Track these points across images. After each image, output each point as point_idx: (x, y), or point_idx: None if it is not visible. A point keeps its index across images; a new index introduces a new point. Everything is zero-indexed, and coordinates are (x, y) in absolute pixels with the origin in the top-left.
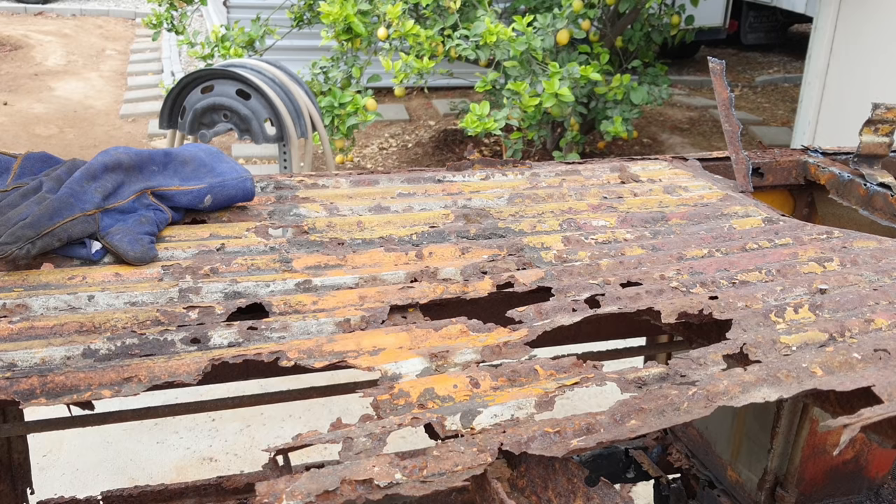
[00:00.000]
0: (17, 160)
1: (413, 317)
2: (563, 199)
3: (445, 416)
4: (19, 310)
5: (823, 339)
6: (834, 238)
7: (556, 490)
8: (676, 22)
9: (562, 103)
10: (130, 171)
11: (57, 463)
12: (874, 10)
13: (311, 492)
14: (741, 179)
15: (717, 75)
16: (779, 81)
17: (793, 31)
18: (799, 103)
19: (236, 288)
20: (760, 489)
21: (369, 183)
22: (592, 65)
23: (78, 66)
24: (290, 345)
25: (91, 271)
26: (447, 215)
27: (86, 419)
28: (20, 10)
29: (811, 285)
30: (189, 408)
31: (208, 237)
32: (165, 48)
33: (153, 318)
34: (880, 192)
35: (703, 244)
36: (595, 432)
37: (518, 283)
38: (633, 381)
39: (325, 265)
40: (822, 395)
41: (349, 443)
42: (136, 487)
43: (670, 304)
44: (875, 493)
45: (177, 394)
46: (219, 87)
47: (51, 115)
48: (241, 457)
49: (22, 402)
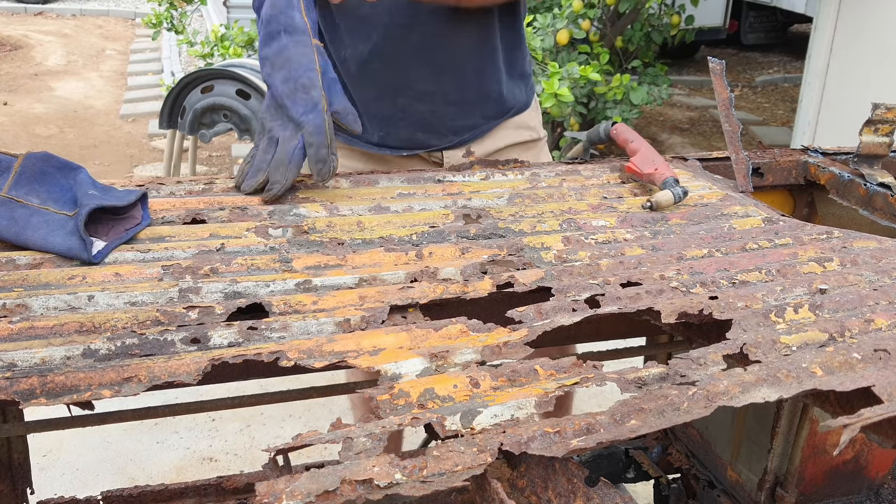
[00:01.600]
0: (17, 160)
1: (413, 317)
2: (563, 199)
3: (445, 416)
4: (19, 310)
5: (823, 339)
6: (834, 238)
7: (556, 490)
8: (676, 22)
9: (561, 103)
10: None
11: (57, 463)
12: (874, 10)
13: (311, 492)
14: (741, 179)
15: (717, 75)
16: (779, 81)
17: (793, 31)
18: (799, 103)
19: (236, 288)
20: (760, 489)
21: (369, 183)
22: (592, 65)
23: (78, 66)
24: (290, 345)
25: (91, 271)
26: (447, 215)
27: (86, 419)
28: (20, 10)
29: (811, 285)
30: (189, 408)
31: (208, 237)
32: (165, 48)
33: (153, 318)
34: (880, 192)
35: (703, 244)
36: (595, 432)
37: (518, 283)
38: (633, 381)
39: (325, 265)
40: (822, 395)
41: (349, 443)
42: (136, 487)
43: (670, 304)
44: (875, 493)
45: (177, 394)
46: (219, 87)
47: (51, 115)
48: (241, 457)
49: (22, 402)
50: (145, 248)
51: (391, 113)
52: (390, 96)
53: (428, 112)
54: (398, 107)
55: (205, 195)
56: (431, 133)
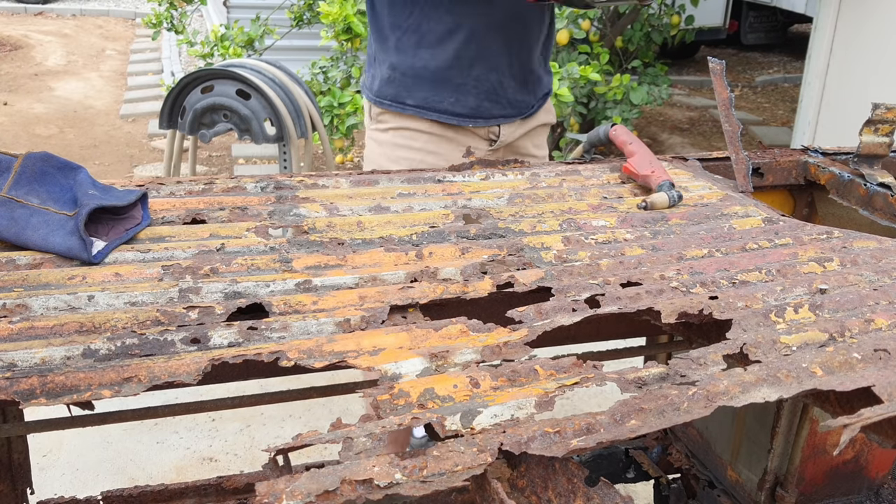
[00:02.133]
0: (17, 160)
1: (413, 317)
2: (563, 199)
3: (445, 416)
4: (19, 310)
5: (823, 339)
6: (834, 238)
7: (556, 490)
8: (676, 22)
9: (561, 103)
10: None
11: (57, 463)
12: (874, 10)
13: (311, 492)
14: (741, 179)
15: (717, 75)
16: (779, 81)
17: (793, 31)
18: (799, 103)
19: (236, 288)
20: (760, 489)
21: (369, 183)
22: (592, 65)
23: (78, 66)
24: (290, 345)
25: (91, 271)
26: (447, 215)
27: (86, 419)
28: (20, 10)
29: (811, 285)
30: (189, 408)
31: (208, 237)
32: (165, 48)
33: (153, 318)
34: (880, 192)
35: (703, 244)
36: (595, 432)
37: (518, 283)
38: (633, 381)
39: (325, 265)
40: (822, 395)
41: (349, 443)
42: (136, 487)
43: (670, 304)
44: (875, 493)
45: (177, 394)
46: (219, 87)
47: (51, 115)
48: (241, 457)
49: (22, 402)
50: (145, 248)
51: (464, 81)
52: (467, 66)
53: (497, 82)
54: (472, 76)
55: (205, 195)
56: (495, 103)
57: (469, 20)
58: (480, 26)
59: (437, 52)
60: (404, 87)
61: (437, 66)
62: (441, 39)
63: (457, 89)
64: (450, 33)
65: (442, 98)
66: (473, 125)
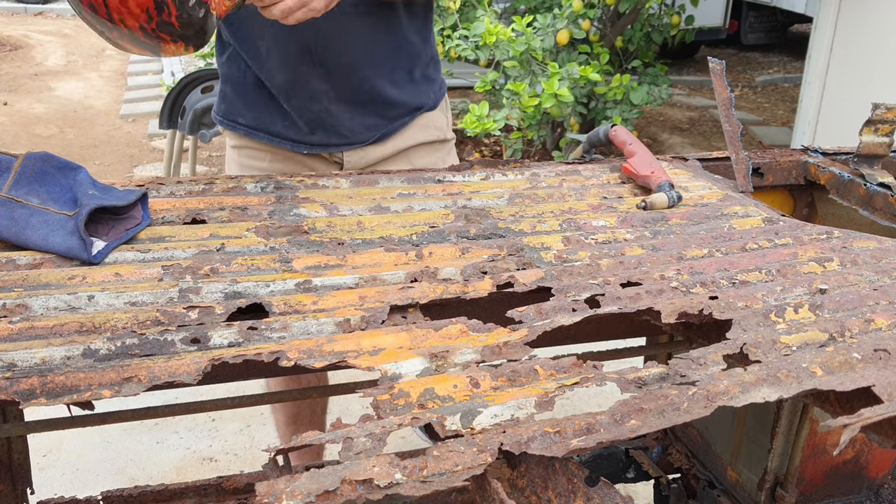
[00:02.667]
0: (17, 160)
1: (413, 317)
2: (563, 199)
3: (445, 416)
4: (19, 310)
5: (823, 339)
6: (834, 238)
7: (556, 490)
8: (676, 22)
9: (561, 103)
10: None
11: (57, 463)
12: (874, 10)
13: (311, 492)
14: (741, 179)
15: (717, 75)
16: (779, 81)
17: (793, 31)
18: (799, 103)
19: (236, 288)
20: (760, 489)
21: (369, 183)
22: (592, 65)
23: (78, 66)
24: (290, 345)
25: (91, 271)
26: (447, 215)
27: (86, 419)
28: (20, 10)
29: (811, 285)
30: (189, 408)
31: (208, 237)
32: None
33: (153, 318)
34: (880, 192)
35: (703, 244)
36: (595, 432)
37: (518, 283)
38: (633, 381)
39: (325, 265)
40: (822, 395)
41: (349, 443)
42: (136, 487)
43: (670, 304)
44: (875, 493)
45: (177, 394)
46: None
47: (51, 115)
48: (241, 457)
49: (22, 402)
50: (145, 248)
51: (288, 111)
52: (284, 95)
53: (323, 111)
54: (292, 106)
55: (205, 195)
56: (330, 133)
57: (275, 44)
58: (285, 51)
59: (264, 76)
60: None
61: (270, 93)
62: (260, 64)
63: (284, 118)
64: (263, 59)
65: (275, 123)
66: (309, 152)
